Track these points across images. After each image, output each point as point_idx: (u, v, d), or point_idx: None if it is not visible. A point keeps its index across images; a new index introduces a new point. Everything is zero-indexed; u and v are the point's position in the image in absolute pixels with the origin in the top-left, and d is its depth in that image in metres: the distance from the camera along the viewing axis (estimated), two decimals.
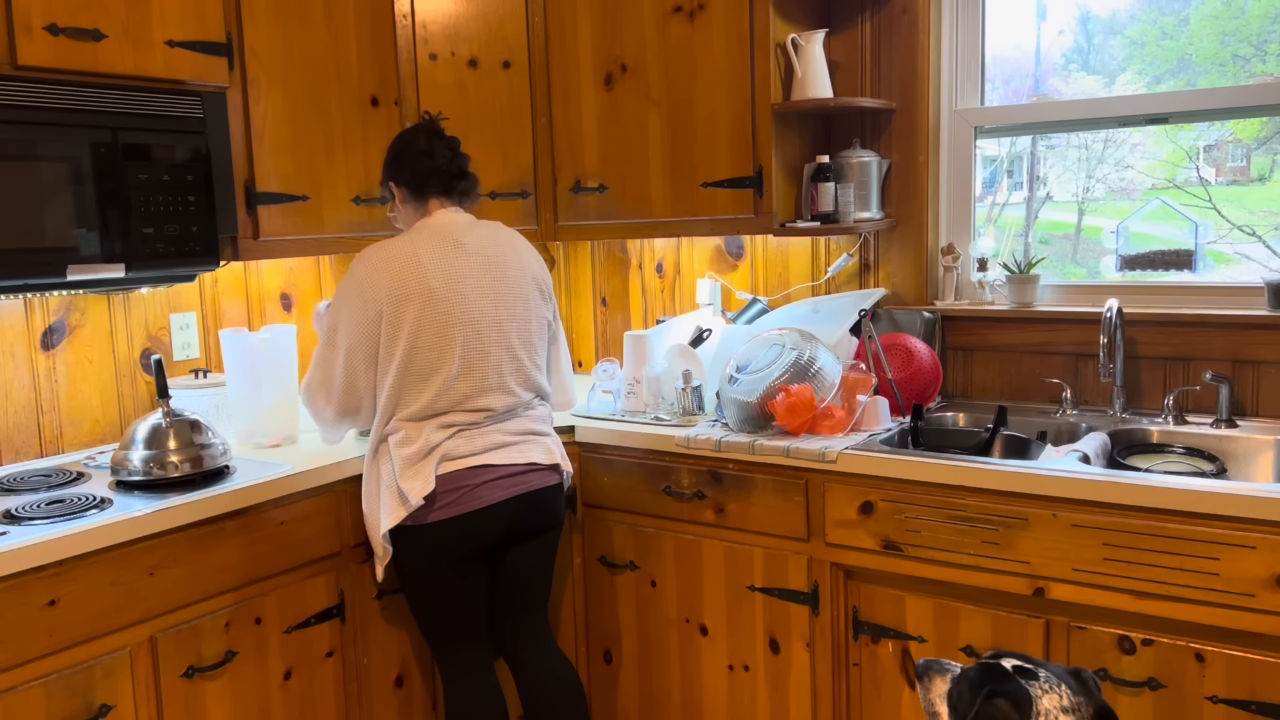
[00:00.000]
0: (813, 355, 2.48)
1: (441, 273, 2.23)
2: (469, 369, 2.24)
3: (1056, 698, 1.53)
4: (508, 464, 2.27)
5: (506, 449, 2.28)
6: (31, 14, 2.04)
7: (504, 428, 2.30)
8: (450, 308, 2.22)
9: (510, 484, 2.28)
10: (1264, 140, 2.60)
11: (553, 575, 2.52)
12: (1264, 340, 2.43)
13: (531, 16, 2.96)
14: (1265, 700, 1.90)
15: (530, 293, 2.35)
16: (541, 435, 2.37)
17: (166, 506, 2.05)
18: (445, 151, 2.34)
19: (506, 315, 2.30)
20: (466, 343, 2.23)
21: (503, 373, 2.29)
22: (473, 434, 2.26)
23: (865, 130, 2.86)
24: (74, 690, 1.92)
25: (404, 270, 2.22)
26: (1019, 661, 1.59)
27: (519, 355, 2.32)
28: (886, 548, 2.27)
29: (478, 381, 2.26)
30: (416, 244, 2.25)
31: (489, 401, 2.27)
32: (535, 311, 2.37)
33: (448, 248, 2.26)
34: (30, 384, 2.46)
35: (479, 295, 2.26)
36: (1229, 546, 1.89)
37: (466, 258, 2.27)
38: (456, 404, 2.25)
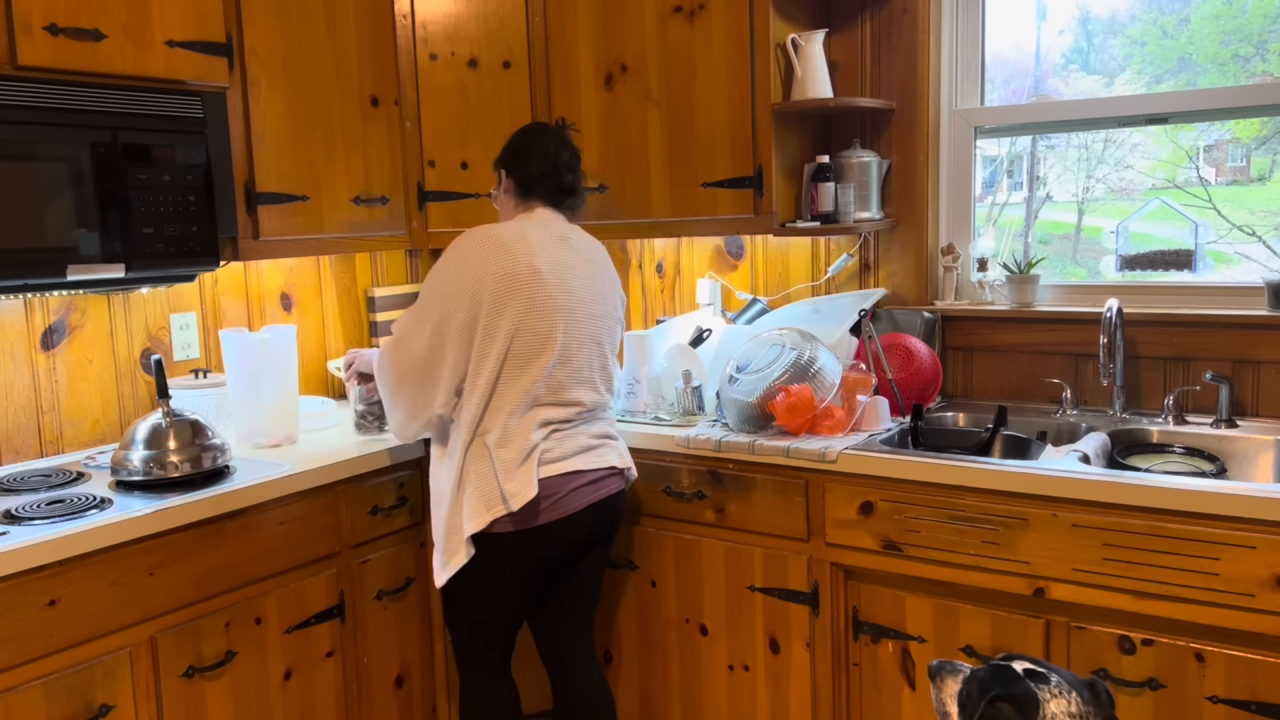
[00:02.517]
0: (813, 355, 2.47)
1: (548, 258, 2.22)
2: (567, 358, 2.24)
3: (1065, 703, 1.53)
4: (592, 469, 2.28)
5: (591, 453, 2.28)
6: (31, 14, 2.04)
7: (590, 430, 2.30)
8: (556, 293, 2.21)
9: (594, 490, 2.28)
10: (1264, 140, 2.60)
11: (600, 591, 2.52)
12: (1264, 340, 2.43)
13: (531, 16, 2.96)
14: (1265, 700, 1.89)
15: (616, 301, 2.40)
16: (615, 439, 2.38)
17: (166, 506, 2.05)
18: (568, 167, 2.34)
19: (601, 312, 2.32)
20: (568, 331, 2.23)
21: (593, 367, 2.30)
22: (565, 435, 2.25)
23: (865, 130, 2.86)
24: (74, 690, 1.92)
25: (514, 251, 2.18)
26: (1031, 665, 1.59)
27: (605, 353, 2.34)
28: (886, 548, 2.27)
29: (573, 372, 2.25)
30: (525, 229, 2.24)
31: (581, 395, 2.27)
32: (618, 318, 2.41)
33: (553, 238, 2.27)
34: (30, 384, 2.46)
35: (581, 287, 2.27)
36: (1229, 546, 1.88)
37: (571, 251, 2.28)
38: (554, 393, 2.23)
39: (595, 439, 2.31)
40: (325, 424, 2.75)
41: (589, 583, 2.43)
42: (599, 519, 2.32)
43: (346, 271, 3.18)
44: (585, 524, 2.28)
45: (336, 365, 3.08)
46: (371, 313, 3.23)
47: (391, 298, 3.27)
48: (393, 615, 2.56)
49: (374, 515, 2.50)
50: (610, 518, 2.36)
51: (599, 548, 2.40)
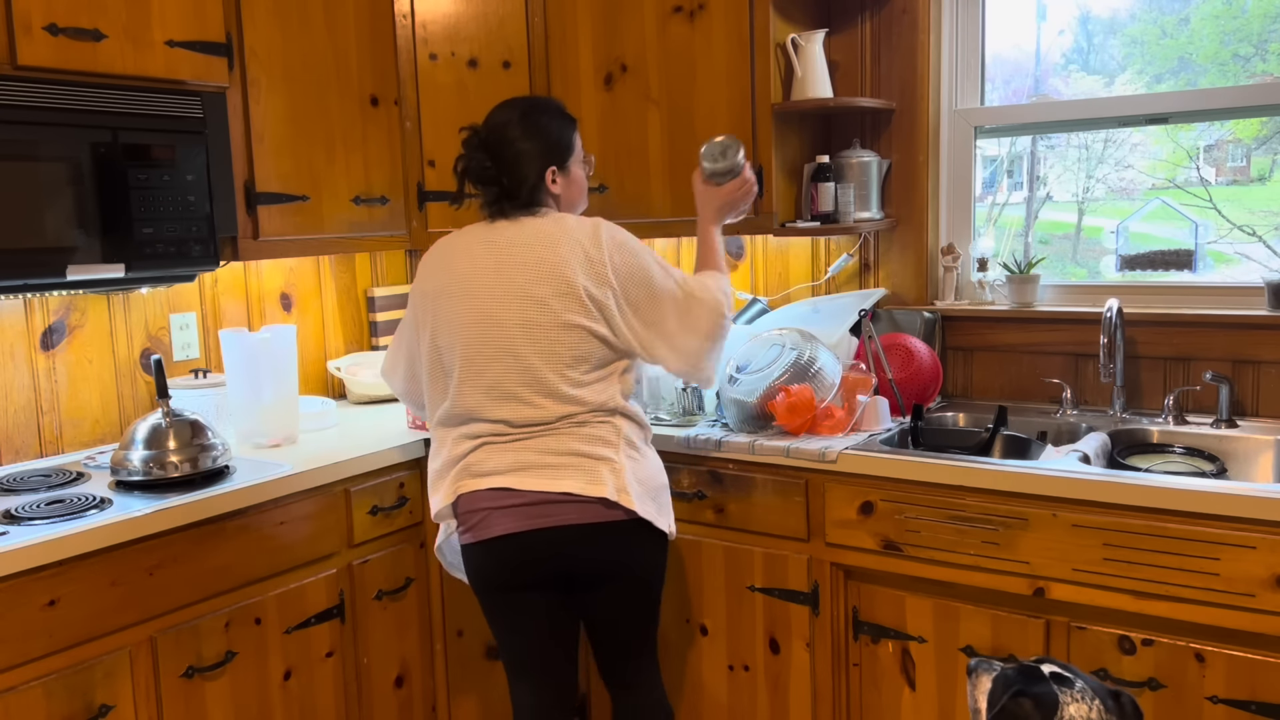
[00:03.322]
0: (813, 355, 2.47)
1: (460, 275, 2.08)
2: (475, 375, 2.04)
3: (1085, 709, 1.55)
4: (529, 490, 1.99)
5: (533, 471, 2.00)
6: (31, 14, 2.04)
7: (540, 444, 2.02)
8: (456, 306, 2.06)
9: (530, 514, 1.99)
10: (1264, 140, 2.60)
11: (642, 627, 2.19)
12: (1264, 340, 2.43)
13: (531, 16, 2.96)
14: (1265, 700, 1.89)
15: (553, 295, 2.01)
16: (592, 459, 2.01)
17: (166, 506, 2.05)
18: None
19: (514, 318, 2.02)
20: (470, 347, 2.04)
21: (511, 382, 2.02)
22: (498, 447, 2.03)
23: (865, 130, 2.86)
24: (74, 690, 1.92)
25: (429, 271, 2.14)
26: (1059, 669, 1.60)
27: (533, 364, 2.01)
28: (886, 548, 2.27)
29: (485, 390, 2.03)
30: (448, 243, 2.15)
31: (502, 413, 2.03)
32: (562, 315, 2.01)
33: (476, 247, 2.09)
34: (30, 384, 2.46)
35: (488, 295, 2.04)
36: (1229, 546, 1.88)
37: (491, 259, 2.06)
38: (472, 412, 2.05)
39: (550, 455, 2.01)
40: (325, 424, 2.75)
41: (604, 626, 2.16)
42: (553, 550, 2.01)
43: (346, 271, 3.18)
44: (528, 552, 2.01)
45: (337, 366, 3.08)
46: (371, 313, 3.23)
47: (391, 298, 3.27)
48: (393, 615, 2.56)
49: (374, 515, 2.50)
50: (576, 553, 2.02)
51: (594, 591, 2.10)
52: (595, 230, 2.08)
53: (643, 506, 2.04)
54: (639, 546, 2.08)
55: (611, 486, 2.00)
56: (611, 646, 2.20)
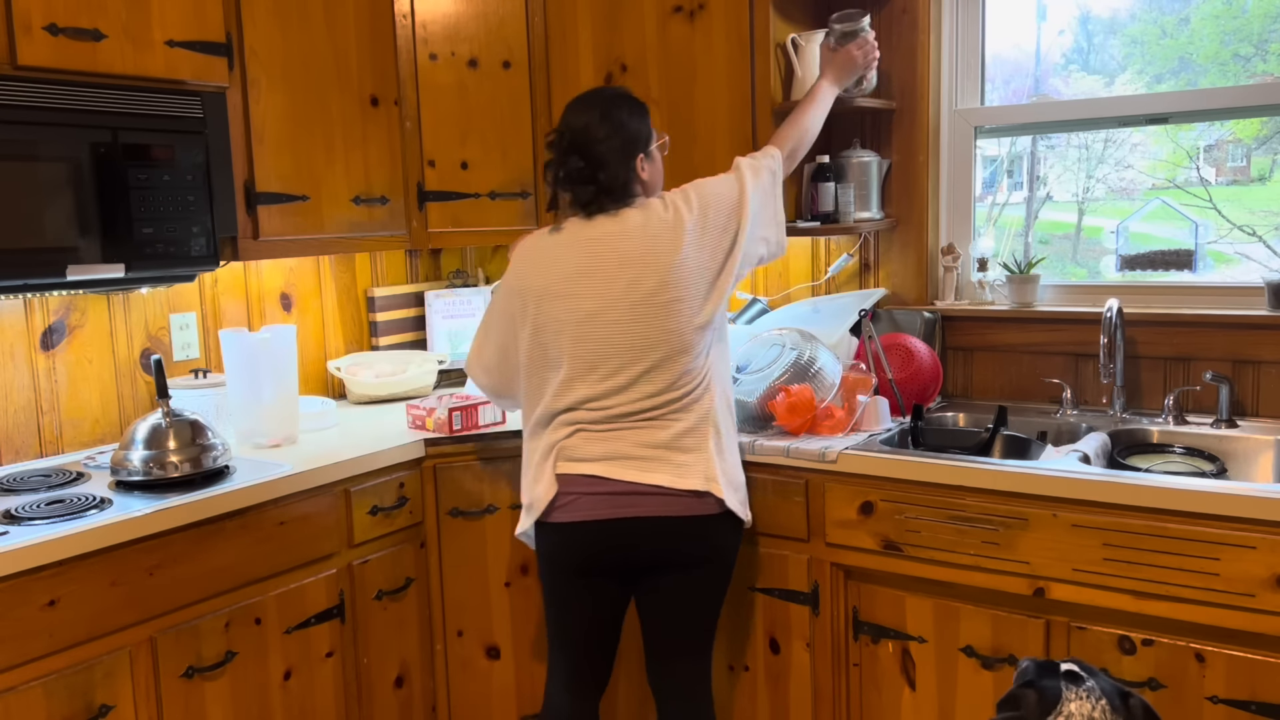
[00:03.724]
0: (813, 355, 2.47)
1: (561, 276, 2.12)
2: (585, 370, 2.09)
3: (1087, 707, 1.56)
4: (618, 480, 2.06)
5: (625, 462, 2.07)
6: (31, 14, 2.04)
7: (635, 436, 2.08)
8: (563, 305, 2.10)
9: (618, 503, 2.07)
10: (1264, 140, 2.60)
11: (704, 625, 2.22)
12: (1264, 340, 2.43)
13: (531, 16, 2.96)
14: (1265, 700, 1.89)
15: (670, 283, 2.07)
16: (683, 451, 2.09)
17: (166, 506, 2.05)
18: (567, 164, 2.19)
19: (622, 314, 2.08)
20: (579, 346, 2.09)
21: (618, 376, 2.08)
22: (594, 435, 2.10)
23: (865, 130, 2.86)
24: (74, 690, 1.92)
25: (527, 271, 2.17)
26: (1077, 668, 1.62)
27: (638, 357, 2.07)
28: (886, 548, 2.27)
29: (591, 384, 2.09)
30: (544, 243, 2.18)
31: (604, 403, 2.09)
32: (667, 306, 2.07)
33: (576, 246, 2.13)
34: (30, 384, 2.46)
35: (594, 294, 2.09)
36: (1229, 546, 1.88)
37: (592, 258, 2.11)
38: (576, 403, 2.10)
39: (642, 448, 2.08)
40: (325, 424, 2.75)
41: (661, 617, 2.20)
42: (631, 540, 2.09)
43: (346, 271, 3.18)
44: (604, 541, 2.09)
45: (337, 366, 3.08)
46: (371, 313, 3.23)
47: (391, 298, 3.27)
48: (393, 615, 2.56)
49: (374, 515, 2.50)
50: (656, 540, 2.09)
51: (666, 576, 2.15)
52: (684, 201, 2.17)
53: (729, 496, 2.12)
54: (722, 536, 2.15)
55: (701, 478, 2.09)
56: (672, 644, 2.21)
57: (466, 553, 2.67)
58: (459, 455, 2.64)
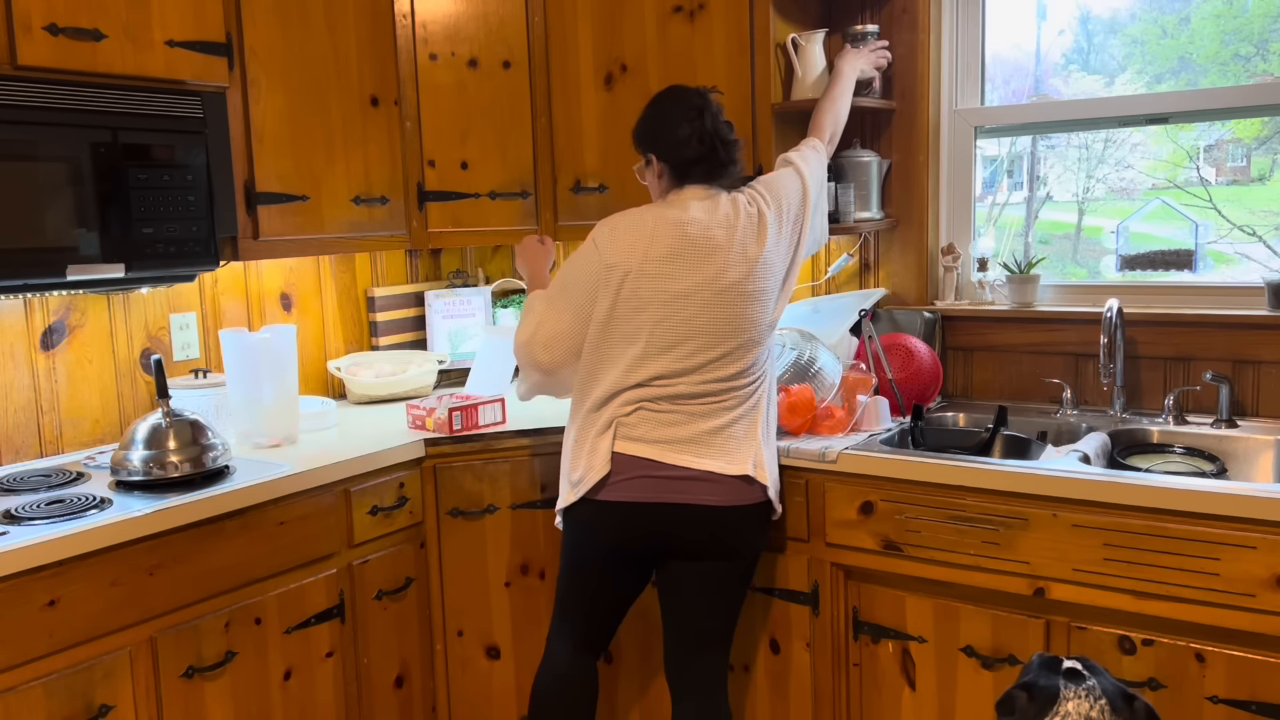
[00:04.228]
0: (813, 355, 2.47)
1: (654, 254, 2.14)
2: (662, 350, 2.13)
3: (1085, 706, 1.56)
4: (671, 464, 2.11)
5: (680, 446, 2.12)
6: (31, 14, 2.04)
7: (691, 421, 2.13)
8: (650, 284, 2.12)
9: (663, 487, 2.11)
10: (1264, 140, 2.60)
11: (727, 618, 2.25)
12: (1264, 340, 2.43)
13: (531, 16, 2.96)
14: (1265, 700, 1.89)
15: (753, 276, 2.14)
16: (737, 439, 2.15)
17: (166, 506, 2.05)
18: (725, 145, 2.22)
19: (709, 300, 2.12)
20: (660, 325, 2.12)
21: (698, 359, 2.13)
22: (653, 415, 2.13)
23: (865, 130, 2.86)
24: (74, 690, 1.92)
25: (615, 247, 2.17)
26: (1079, 666, 1.62)
27: (725, 343, 2.13)
28: (886, 548, 2.27)
29: (671, 364, 2.13)
30: (634, 223, 2.19)
31: (671, 384, 2.13)
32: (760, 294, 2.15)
33: (668, 228, 2.15)
34: (30, 384, 2.46)
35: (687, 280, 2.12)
36: (1229, 546, 1.88)
37: (684, 242, 2.14)
38: (645, 380, 2.14)
39: (699, 433, 2.13)
40: (325, 424, 2.75)
41: (685, 604, 2.22)
42: (674, 525, 2.13)
43: (346, 271, 3.18)
44: (648, 524, 2.13)
45: (337, 366, 3.08)
46: (371, 313, 3.23)
47: (391, 298, 3.27)
48: (393, 615, 2.56)
49: (374, 515, 2.50)
50: (697, 527, 2.13)
51: (695, 563, 2.18)
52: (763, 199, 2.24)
53: (773, 490, 2.21)
54: (758, 529, 2.23)
55: (750, 463, 2.15)
56: (696, 637, 2.23)
57: (466, 553, 2.67)
58: (459, 455, 2.64)
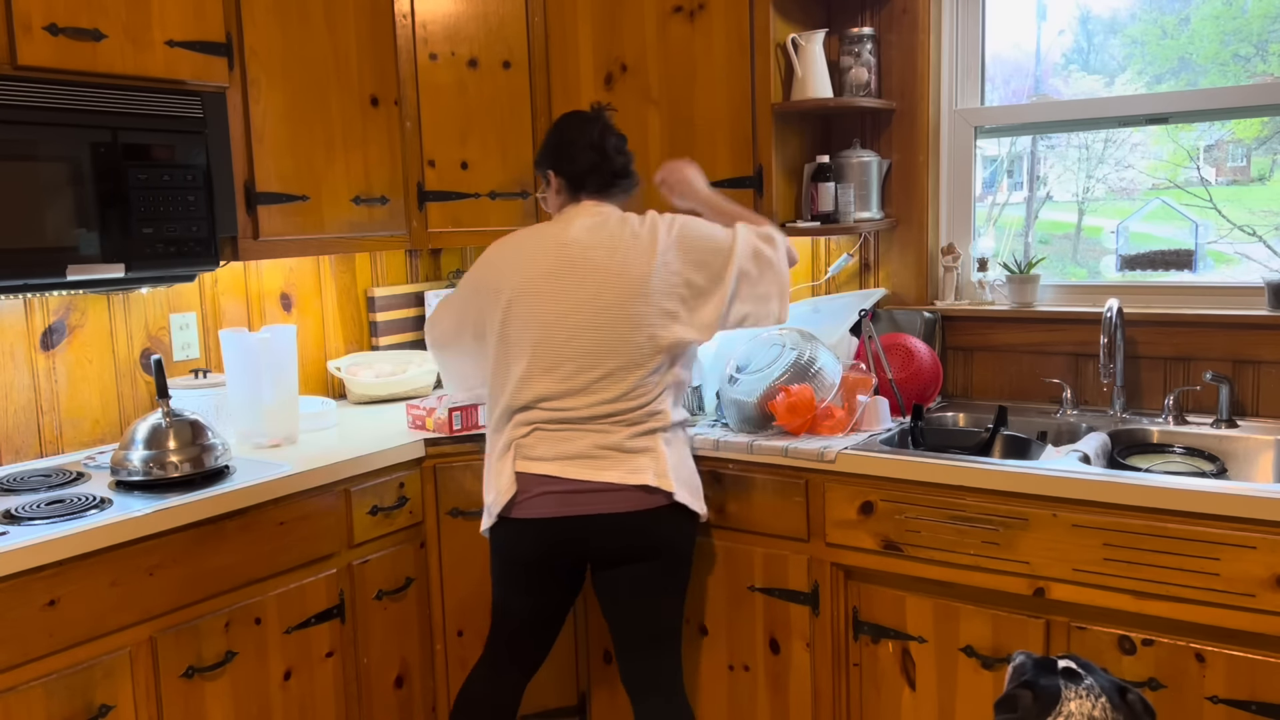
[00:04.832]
0: (813, 355, 2.47)
1: (533, 275, 2.17)
2: (544, 372, 2.15)
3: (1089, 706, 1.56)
4: (571, 479, 2.13)
5: (579, 462, 2.14)
6: (31, 14, 2.04)
7: (589, 439, 2.15)
8: (529, 305, 2.16)
9: (570, 501, 2.13)
10: (1264, 140, 2.60)
11: (666, 616, 2.25)
12: (1264, 340, 2.43)
13: (531, 16, 2.96)
14: (1265, 700, 1.89)
15: (630, 300, 2.14)
16: (635, 452, 2.15)
17: (166, 506, 2.05)
18: (616, 151, 2.26)
19: (587, 322, 2.14)
20: (541, 347, 2.15)
21: (580, 383, 2.14)
22: (550, 434, 2.16)
23: (865, 130, 2.86)
24: (74, 690, 1.92)
25: (502, 267, 2.21)
26: (1075, 665, 1.62)
27: (604, 364, 2.14)
28: (886, 548, 2.27)
29: (550, 384, 2.15)
30: (523, 242, 2.23)
31: (561, 404, 2.15)
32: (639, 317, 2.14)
33: (551, 248, 2.18)
34: (30, 384, 2.46)
35: (566, 302, 2.14)
36: (1229, 546, 1.88)
37: (565, 262, 2.16)
38: (533, 401, 2.16)
39: (597, 449, 2.14)
40: (325, 424, 2.75)
41: (621, 610, 2.24)
42: (584, 535, 2.15)
43: (346, 271, 3.18)
44: (555, 538, 2.16)
45: (337, 366, 3.08)
46: (371, 313, 3.23)
47: (391, 298, 3.27)
48: (393, 615, 2.56)
49: (374, 515, 2.50)
50: (608, 536, 2.15)
51: (619, 569, 2.20)
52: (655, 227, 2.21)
53: (680, 491, 2.17)
54: (673, 527, 2.20)
55: (652, 474, 2.14)
56: (637, 639, 2.25)
57: (466, 553, 2.67)
58: (459, 455, 2.64)
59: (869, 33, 2.73)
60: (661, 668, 2.26)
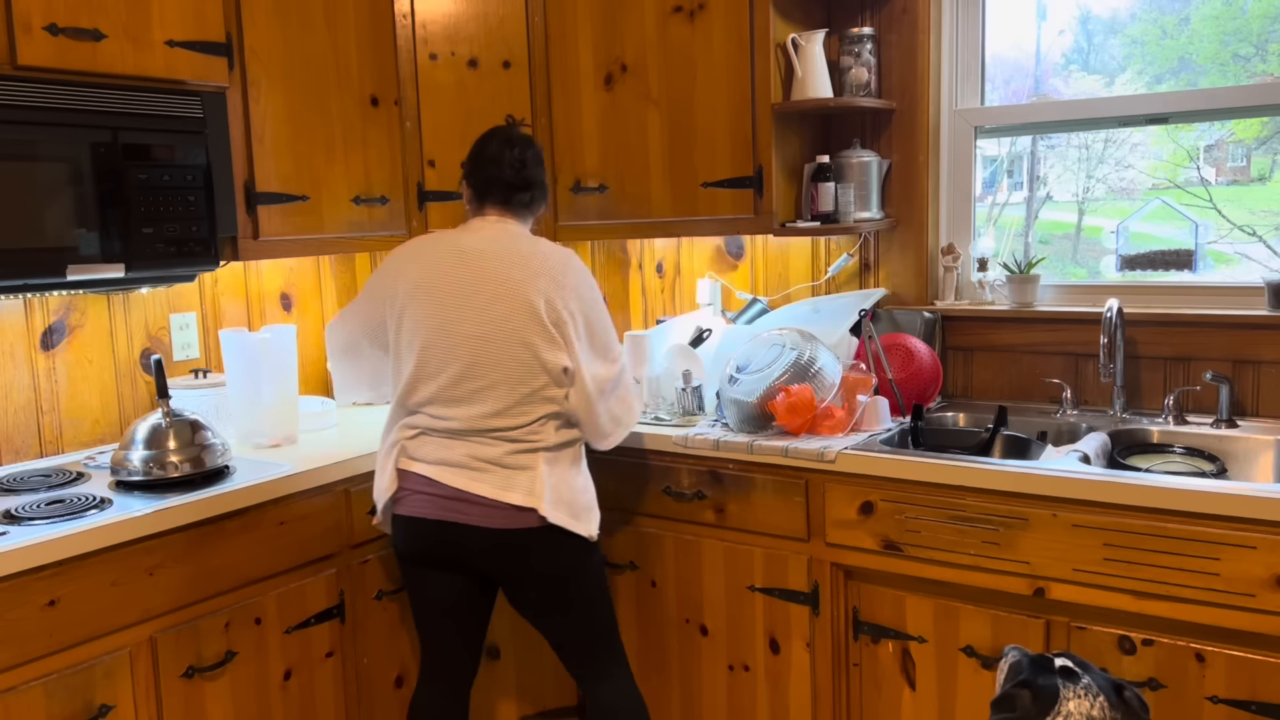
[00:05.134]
0: (813, 355, 2.47)
1: (430, 277, 2.21)
2: (429, 377, 2.17)
3: (1087, 705, 1.56)
4: (446, 484, 2.15)
5: (455, 470, 2.15)
6: (31, 14, 2.04)
7: (468, 448, 2.16)
8: (420, 309, 2.19)
9: (444, 506, 2.16)
10: (1264, 140, 2.60)
11: (585, 623, 2.27)
12: (1264, 340, 2.43)
13: (531, 16, 2.96)
14: (1265, 700, 1.89)
15: (518, 315, 2.15)
16: (512, 469, 2.15)
17: (166, 506, 2.05)
18: (514, 162, 2.28)
19: (485, 334, 2.15)
20: (428, 351, 2.17)
21: (463, 391, 2.15)
22: (433, 439, 2.19)
23: (865, 130, 2.86)
24: (74, 690, 1.92)
25: (401, 270, 2.25)
26: (1071, 664, 1.61)
27: (487, 375, 2.15)
28: (887, 548, 2.27)
29: (435, 389, 2.17)
30: (423, 247, 2.27)
31: (444, 411, 2.17)
32: (524, 340, 2.15)
33: (449, 255, 2.22)
34: (30, 384, 2.46)
35: (456, 308, 2.16)
36: (1229, 546, 1.88)
37: (461, 269, 2.19)
38: (419, 406, 2.20)
39: (476, 460, 2.15)
40: (325, 424, 2.75)
41: (537, 624, 2.29)
42: (459, 544, 2.17)
43: (346, 271, 3.18)
44: (433, 539, 2.18)
45: None
46: None
47: None
48: (393, 615, 2.56)
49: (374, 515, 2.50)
50: (488, 556, 2.16)
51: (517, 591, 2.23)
52: (567, 260, 2.25)
53: (554, 513, 2.15)
54: (552, 552, 2.18)
55: (522, 493, 2.14)
56: (559, 646, 2.32)
57: None
58: None
59: (869, 33, 2.73)
60: (600, 659, 2.32)
